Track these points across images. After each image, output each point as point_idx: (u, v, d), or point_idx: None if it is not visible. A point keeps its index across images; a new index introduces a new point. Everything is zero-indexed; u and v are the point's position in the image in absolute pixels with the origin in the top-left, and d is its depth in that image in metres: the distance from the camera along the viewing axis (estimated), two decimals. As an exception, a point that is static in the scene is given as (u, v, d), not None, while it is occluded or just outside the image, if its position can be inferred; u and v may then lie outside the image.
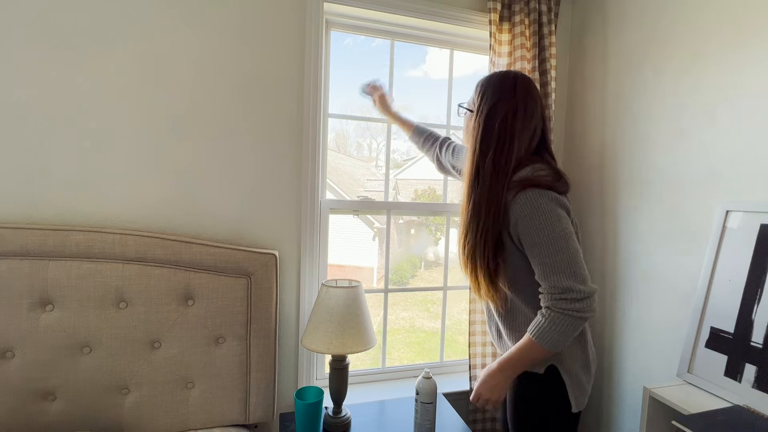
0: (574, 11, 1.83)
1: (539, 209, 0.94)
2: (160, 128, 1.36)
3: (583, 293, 0.92)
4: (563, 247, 0.93)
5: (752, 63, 1.18)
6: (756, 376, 1.05)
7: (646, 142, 1.50)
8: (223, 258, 1.33)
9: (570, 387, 1.03)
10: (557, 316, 0.92)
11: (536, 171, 1.00)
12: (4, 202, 1.26)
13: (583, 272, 0.94)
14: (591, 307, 0.93)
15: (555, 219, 0.94)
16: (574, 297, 0.91)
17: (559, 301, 0.93)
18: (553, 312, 0.93)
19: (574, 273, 0.92)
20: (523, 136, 1.03)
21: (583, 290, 0.92)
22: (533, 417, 1.08)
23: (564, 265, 0.92)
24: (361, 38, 1.70)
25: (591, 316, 0.93)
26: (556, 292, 0.93)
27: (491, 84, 1.07)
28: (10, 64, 1.23)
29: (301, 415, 1.21)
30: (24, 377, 1.19)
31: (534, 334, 0.95)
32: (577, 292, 0.91)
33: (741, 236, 1.16)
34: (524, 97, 1.04)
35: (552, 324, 0.93)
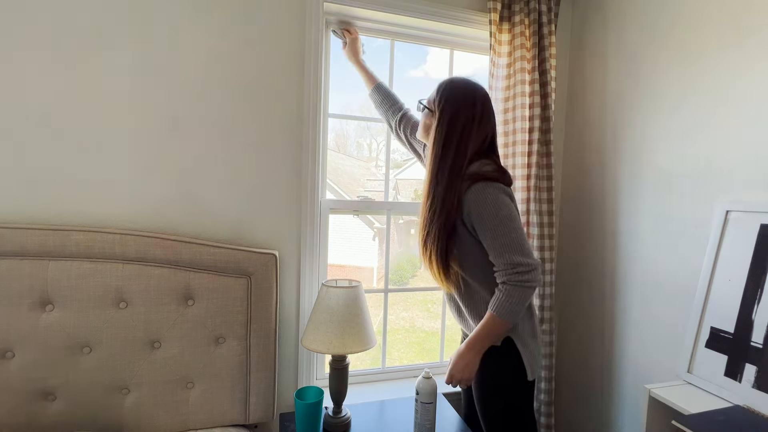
0: (574, 11, 1.83)
1: (488, 197, 1.08)
2: (160, 128, 1.36)
3: (531, 266, 1.06)
4: (511, 228, 1.07)
5: (752, 62, 1.18)
6: (756, 376, 1.05)
7: (646, 142, 1.50)
8: (223, 258, 1.33)
9: (525, 356, 1.15)
10: (512, 289, 1.06)
11: (483, 166, 1.13)
12: (4, 202, 1.26)
13: (529, 248, 1.08)
14: (537, 278, 1.07)
15: (502, 204, 1.08)
16: (524, 270, 1.05)
17: (513, 275, 1.06)
18: (508, 285, 1.07)
19: (522, 249, 1.07)
20: (477, 141, 1.15)
21: (531, 263, 1.06)
22: (494, 387, 1.18)
23: (514, 244, 1.06)
24: (363, 38, 1.70)
25: (537, 285, 1.08)
26: (509, 268, 1.06)
27: (454, 92, 1.17)
28: (10, 64, 1.23)
29: (301, 415, 1.21)
30: (24, 377, 1.19)
31: (494, 308, 1.08)
32: (526, 265, 1.05)
33: (741, 236, 1.16)
34: (482, 109, 1.16)
35: (508, 296, 1.06)
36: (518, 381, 1.16)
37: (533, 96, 1.62)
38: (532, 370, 1.16)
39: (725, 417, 0.98)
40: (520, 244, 1.07)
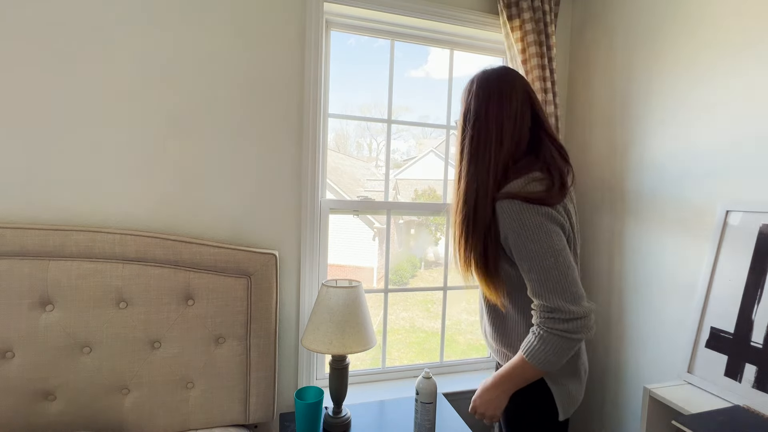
0: (574, 11, 1.83)
1: (525, 224, 0.89)
2: (160, 128, 1.36)
3: (573, 314, 0.86)
4: (552, 264, 0.88)
5: (752, 62, 1.18)
6: (756, 376, 1.05)
7: (647, 141, 1.50)
8: (223, 258, 1.33)
9: (557, 396, 1.00)
10: (547, 336, 0.88)
11: (529, 182, 0.94)
12: (4, 202, 1.26)
13: (575, 291, 0.88)
14: (582, 328, 0.87)
15: (544, 235, 0.89)
16: (563, 317, 0.86)
17: (548, 320, 0.88)
18: (542, 331, 0.89)
19: (564, 292, 0.87)
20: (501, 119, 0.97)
21: (573, 311, 0.86)
22: (521, 423, 1.05)
23: (553, 284, 0.88)
24: (365, 38, 1.70)
25: (584, 337, 0.88)
26: (545, 311, 0.89)
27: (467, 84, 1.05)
28: (10, 63, 1.23)
29: (301, 415, 1.21)
30: (24, 377, 1.19)
31: (526, 353, 0.92)
32: (566, 312, 0.86)
33: (741, 236, 1.16)
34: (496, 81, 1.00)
35: (542, 344, 0.89)
36: (548, 419, 1.01)
37: (546, 93, 1.61)
38: (564, 411, 1.00)
39: (725, 417, 0.98)
40: (562, 284, 0.87)
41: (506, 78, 1.01)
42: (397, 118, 1.75)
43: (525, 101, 1.00)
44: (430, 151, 5.58)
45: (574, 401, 1.03)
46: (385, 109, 1.71)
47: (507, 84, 1.00)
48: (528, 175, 0.94)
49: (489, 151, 0.97)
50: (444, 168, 1.85)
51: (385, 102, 1.71)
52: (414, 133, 3.87)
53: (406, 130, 3.06)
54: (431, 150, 5.52)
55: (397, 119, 1.76)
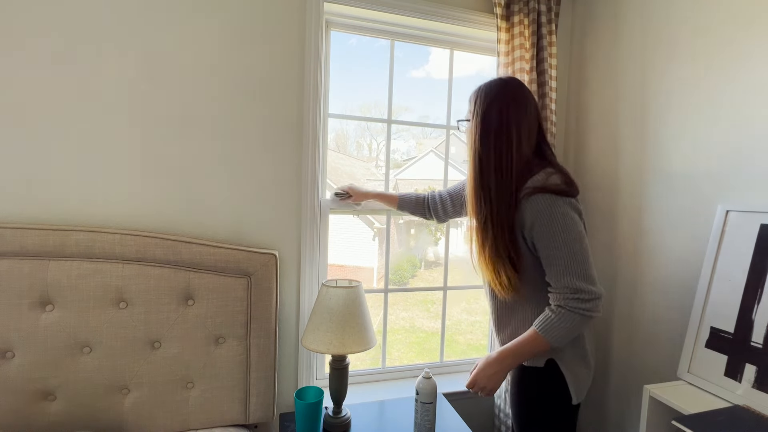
0: (575, 11, 1.83)
1: (555, 213, 0.98)
2: (160, 128, 1.36)
3: (594, 294, 0.98)
4: (578, 250, 0.98)
5: (753, 62, 1.18)
6: (756, 376, 1.05)
7: (647, 141, 1.50)
8: (223, 258, 1.33)
9: (570, 380, 1.07)
10: (567, 314, 0.98)
11: (549, 176, 1.03)
12: (4, 202, 1.26)
13: (594, 274, 1.00)
14: (598, 308, 0.99)
15: (571, 223, 0.98)
16: (585, 297, 0.98)
17: (571, 300, 0.98)
18: (564, 309, 0.99)
19: (586, 275, 0.98)
20: (521, 125, 1.05)
21: (594, 291, 0.98)
22: (535, 409, 1.12)
23: (578, 268, 0.98)
24: (366, 38, 1.70)
25: (597, 315, 1.00)
26: (569, 292, 0.98)
27: (482, 90, 1.11)
28: (10, 64, 1.23)
29: (301, 415, 1.21)
30: (24, 377, 1.19)
31: (541, 328, 1.01)
32: (588, 292, 0.98)
33: (741, 236, 1.16)
34: (516, 91, 1.08)
35: (561, 320, 0.99)
36: (562, 404, 1.09)
37: (537, 97, 1.62)
38: (577, 395, 1.08)
39: (725, 417, 0.98)
40: (586, 269, 0.98)
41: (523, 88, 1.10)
42: (397, 118, 1.75)
43: (535, 111, 1.11)
44: (430, 151, 5.58)
45: (585, 385, 1.10)
46: (385, 109, 1.71)
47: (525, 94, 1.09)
48: (544, 170, 1.04)
49: (510, 154, 1.04)
50: (444, 168, 1.85)
51: (385, 102, 1.71)
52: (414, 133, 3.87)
53: (406, 130, 3.06)
54: (431, 150, 5.52)
55: (397, 119, 1.77)
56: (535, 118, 1.10)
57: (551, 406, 1.10)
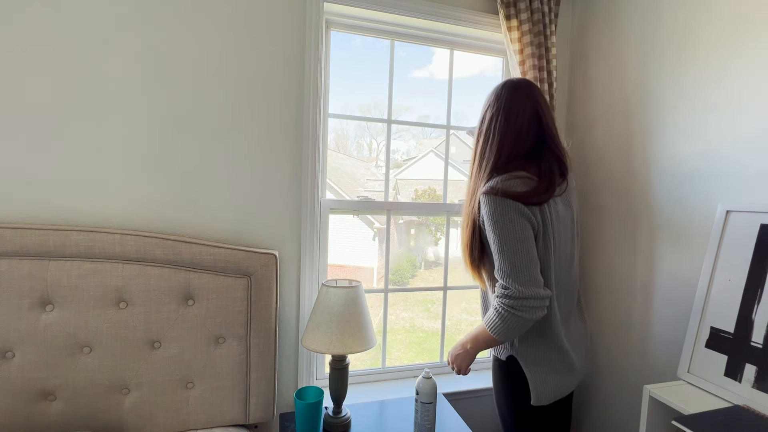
0: (574, 11, 1.83)
1: (495, 213, 1.02)
2: (160, 128, 1.36)
3: (519, 293, 0.98)
4: (509, 249, 1.00)
5: (753, 61, 1.18)
6: (756, 376, 1.05)
7: (646, 141, 1.50)
8: (223, 258, 1.33)
9: (531, 380, 1.10)
10: (501, 311, 1.02)
11: (510, 179, 1.04)
12: (4, 202, 1.26)
13: (525, 275, 0.99)
14: (531, 308, 0.98)
15: (507, 222, 1.01)
16: (510, 294, 0.99)
17: (500, 297, 1.02)
18: (497, 306, 1.03)
19: (516, 275, 0.99)
20: (506, 132, 1.09)
21: (519, 290, 0.98)
22: (500, 396, 1.20)
23: (507, 265, 1.00)
24: (363, 39, 1.70)
25: (530, 316, 0.99)
26: (500, 288, 1.02)
27: (487, 95, 1.17)
28: (10, 63, 1.23)
29: (301, 415, 1.21)
30: (24, 377, 1.19)
31: (485, 322, 1.07)
32: (514, 290, 0.99)
33: (741, 236, 1.16)
34: (508, 97, 1.10)
35: (496, 316, 1.03)
36: (521, 400, 1.12)
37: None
38: (538, 396, 1.09)
39: (725, 417, 0.98)
40: (518, 270, 0.99)
41: (517, 92, 1.11)
42: (397, 118, 1.75)
43: (533, 115, 1.10)
44: (430, 151, 5.57)
45: (552, 391, 1.11)
46: (385, 109, 1.71)
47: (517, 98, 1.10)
48: (511, 173, 1.06)
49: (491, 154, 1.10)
50: (444, 168, 1.85)
51: (385, 102, 1.71)
52: (414, 133, 3.86)
53: (406, 130, 3.06)
54: (431, 150, 5.51)
55: (398, 119, 1.77)
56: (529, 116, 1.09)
57: (510, 399, 1.16)
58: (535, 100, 1.10)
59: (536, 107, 1.10)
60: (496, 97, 1.12)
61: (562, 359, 1.12)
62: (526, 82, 1.13)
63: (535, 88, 1.12)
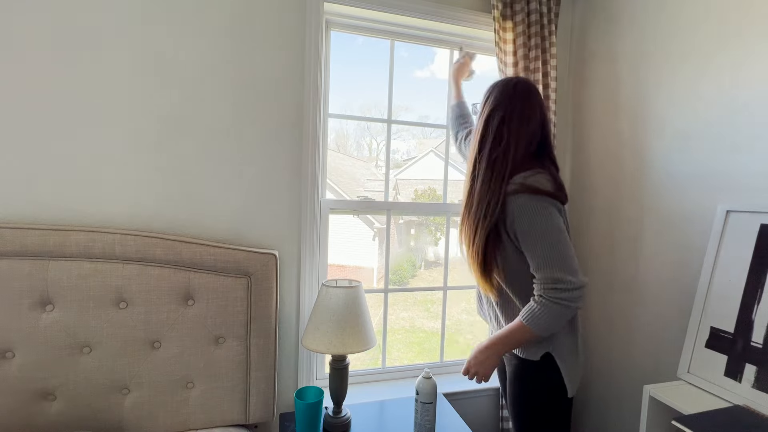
0: (575, 11, 1.83)
1: (535, 207, 1.02)
2: (160, 128, 1.36)
3: (574, 284, 0.99)
4: (556, 241, 1.01)
5: (752, 61, 1.18)
6: (756, 376, 1.05)
7: (647, 141, 1.50)
8: (223, 258, 1.33)
9: (565, 373, 1.10)
10: (549, 304, 1.00)
11: (536, 175, 1.06)
12: (4, 202, 1.26)
13: (574, 265, 1.01)
14: (580, 298, 1.00)
15: (549, 216, 1.02)
16: (565, 287, 0.99)
17: (551, 290, 1.00)
18: (545, 300, 1.01)
19: (566, 265, 1.00)
20: (519, 137, 1.09)
21: (573, 281, 0.99)
22: (533, 403, 1.14)
23: (557, 258, 1.00)
24: (364, 39, 1.70)
25: (580, 306, 1.01)
26: (549, 283, 1.00)
27: (493, 90, 1.16)
28: (10, 63, 1.23)
29: (301, 415, 1.21)
30: (24, 377, 1.19)
31: (526, 318, 1.04)
32: (567, 282, 0.99)
33: (741, 236, 1.16)
34: (521, 102, 1.11)
35: (544, 310, 1.01)
36: (557, 399, 1.12)
37: None
38: (572, 387, 1.11)
39: (725, 417, 0.98)
40: (565, 259, 1.00)
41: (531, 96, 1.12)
42: (397, 118, 1.75)
43: (540, 116, 1.13)
44: (430, 151, 5.57)
45: (578, 379, 1.13)
46: (385, 108, 1.71)
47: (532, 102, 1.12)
48: (534, 170, 1.07)
49: (507, 158, 1.08)
50: (444, 168, 1.85)
51: (385, 102, 1.71)
52: (414, 133, 3.87)
53: (406, 130, 3.06)
54: (431, 150, 5.52)
55: (398, 119, 1.77)
56: (539, 123, 1.12)
57: (548, 400, 1.13)
58: (543, 106, 1.15)
59: (544, 113, 1.14)
60: (508, 97, 1.11)
61: (583, 349, 1.16)
62: (534, 86, 1.15)
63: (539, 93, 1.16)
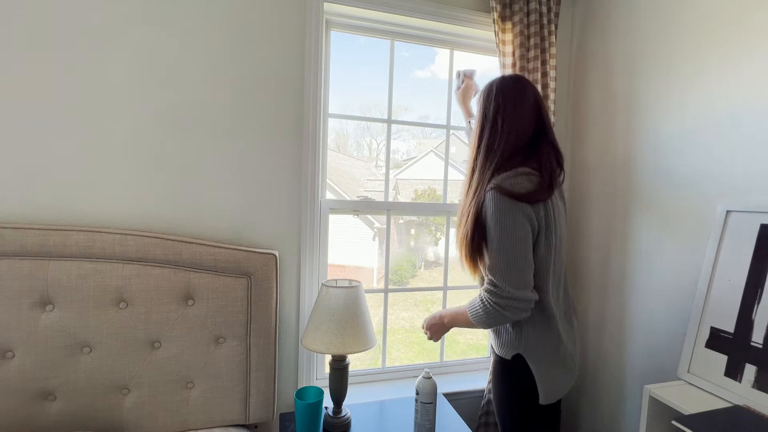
0: (575, 11, 1.83)
1: (499, 210, 1.03)
2: (160, 128, 1.36)
3: (507, 292, 1.01)
4: (507, 249, 1.02)
5: (753, 61, 1.18)
6: (756, 376, 1.05)
7: (647, 141, 1.50)
8: (223, 258, 1.33)
9: (539, 378, 1.10)
10: (486, 304, 1.05)
11: (516, 176, 1.06)
12: (4, 202, 1.26)
13: (517, 277, 1.02)
14: (514, 308, 1.02)
15: (510, 223, 1.02)
16: (500, 294, 1.02)
17: (488, 292, 1.04)
18: (483, 299, 1.06)
19: (507, 276, 1.02)
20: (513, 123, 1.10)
21: (506, 289, 1.01)
22: (503, 399, 1.17)
23: (502, 265, 1.02)
24: (364, 39, 1.70)
25: (513, 316, 1.03)
26: (488, 283, 1.05)
27: (487, 86, 1.17)
28: (11, 64, 1.23)
29: (301, 415, 1.21)
30: (24, 377, 1.19)
31: (468, 307, 1.11)
32: (500, 289, 1.02)
33: (741, 236, 1.16)
34: (513, 91, 1.13)
35: (480, 307, 1.06)
36: (528, 400, 1.11)
37: None
38: (546, 395, 1.10)
39: (725, 417, 0.98)
40: (511, 270, 1.01)
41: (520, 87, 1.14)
42: (397, 118, 1.75)
43: (534, 109, 1.13)
44: (430, 151, 5.58)
45: (558, 388, 1.13)
46: (385, 108, 1.71)
47: (521, 93, 1.13)
48: (516, 169, 1.07)
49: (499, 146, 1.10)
50: (444, 168, 1.85)
51: (385, 102, 1.71)
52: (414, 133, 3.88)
53: (407, 130, 3.06)
54: (431, 150, 5.52)
55: (398, 119, 1.77)
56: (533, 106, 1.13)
57: (517, 402, 1.13)
58: (534, 90, 1.16)
59: (536, 97, 1.15)
60: (500, 88, 1.13)
61: (564, 355, 1.13)
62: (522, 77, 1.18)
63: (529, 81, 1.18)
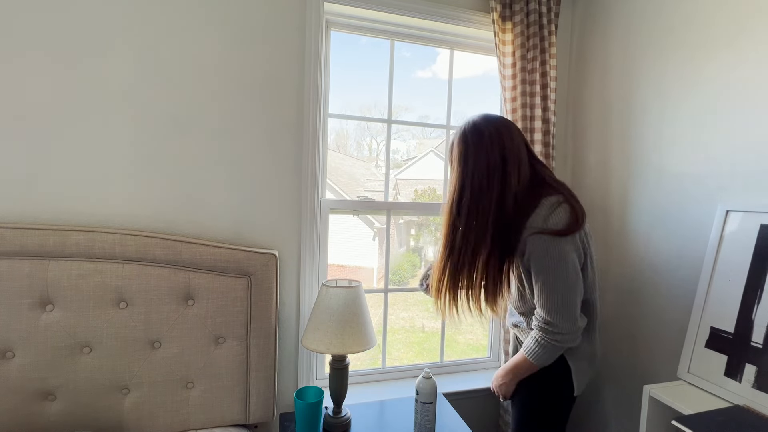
0: (575, 11, 1.83)
1: (550, 252, 1.02)
2: (160, 128, 1.36)
3: (565, 330, 1.04)
4: (562, 288, 1.03)
5: (752, 61, 1.18)
6: (756, 376, 1.05)
7: (647, 141, 1.50)
8: (223, 258, 1.33)
9: (575, 373, 1.13)
10: (542, 342, 1.07)
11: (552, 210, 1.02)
12: (4, 202, 1.26)
13: (572, 313, 1.04)
14: (570, 340, 1.06)
15: (563, 264, 1.02)
16: (553, 330, 1.04)
17: (543, 331, 1.06)
18: (539, 338, 1.07)
19: (563, 313, 1.03)
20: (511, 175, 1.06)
21: (565, 327, 1.04)
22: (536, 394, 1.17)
23: (558, 305, 1.03)
24: (364, 39, 1.70)
25: (567, 346, 1.07)
26: (542, 323, 1.06)
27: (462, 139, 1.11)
28: (10, 63, 1.23)
29: (301, 415, 1.21)
30: (24, 377, 1.19)
31: (527, 353, 1.10)
32: (558, 327, 1.04)
33: (741, 236, 1.16)
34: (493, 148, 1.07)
35: (537, 347, 1.08)
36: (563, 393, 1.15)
37: (533, 97, 1.62)
38: (579, 386, 1.14)
39: (725, 417, 0.98)
40: (564, 307, 1.03)
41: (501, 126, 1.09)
42: (397, 118, 1.75)
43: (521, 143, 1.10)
44: (430, 151, 5.57)
45: (586, 378, 1.17)
46: (385, 108, 1.71)
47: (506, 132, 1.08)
48: (545, 201, 1.04)
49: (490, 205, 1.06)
50: (444, 168, 1.85)
51: (385, 102, 1.71)
52: (414, 133, 3.87)
53: (407, 130, 3.06)
54: (431, 150, 5.52)
55: (398, 119, 1.76)
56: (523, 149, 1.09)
57: (552, 393, 1.16)
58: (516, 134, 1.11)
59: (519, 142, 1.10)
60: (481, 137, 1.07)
61: (596, 347, 1.18)
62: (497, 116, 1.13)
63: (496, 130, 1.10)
